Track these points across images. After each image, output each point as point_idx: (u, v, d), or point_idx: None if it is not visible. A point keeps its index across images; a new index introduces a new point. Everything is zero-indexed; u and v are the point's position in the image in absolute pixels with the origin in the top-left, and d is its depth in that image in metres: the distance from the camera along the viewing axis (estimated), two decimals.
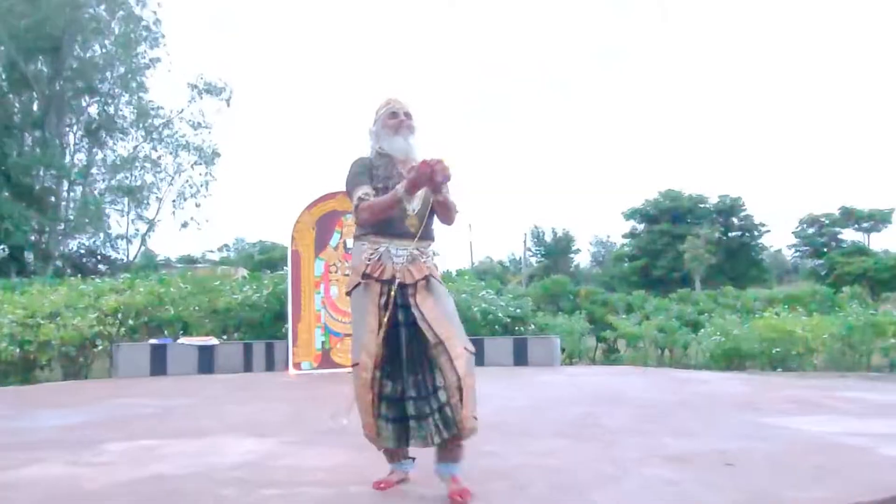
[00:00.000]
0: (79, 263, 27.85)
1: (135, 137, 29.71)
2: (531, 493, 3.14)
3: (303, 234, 10.35)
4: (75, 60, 27.55)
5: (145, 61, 29.33)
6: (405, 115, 3.33)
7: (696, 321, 14.73)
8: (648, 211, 46.05)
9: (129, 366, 10.03)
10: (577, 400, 6.59)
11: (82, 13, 26.98)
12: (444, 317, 3.07)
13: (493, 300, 12.97)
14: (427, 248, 3.27)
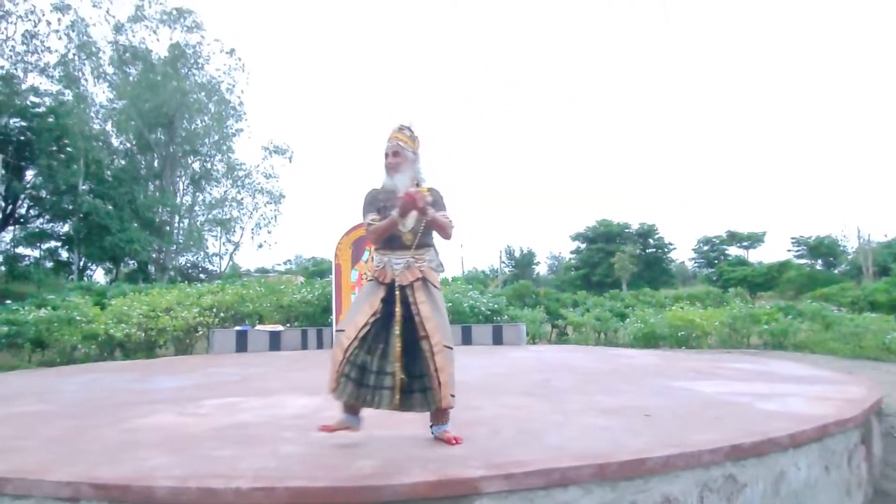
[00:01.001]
0: (186, 273, 27.78)
1: (225, 185, 29.82)
2: (503, 437, 3.12)
3: (343, 251, 10.35)
4: (183, 131, 27.69)
5: (232, 131, 29.51)
6: (392, 155, 3.10)
7: (623, 313, 14.67)
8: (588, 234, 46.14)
9: (220, 345, 9.98)
10: (537, 369, 6.56)
11: (188, 98, 27.15)
12: (433, 316, 2.98)
13: (477, 298, 12.93)
14: (423, 255, 3.09)
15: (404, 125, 3.19)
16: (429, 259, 3.13)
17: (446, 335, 2.98)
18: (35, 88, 24.24)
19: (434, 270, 3.14)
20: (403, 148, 3.12)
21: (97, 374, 6.85)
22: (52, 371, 7.76)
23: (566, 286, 39.42)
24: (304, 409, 4.08)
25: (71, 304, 10.33)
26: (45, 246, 25.19)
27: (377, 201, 3.11)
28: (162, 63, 27.11)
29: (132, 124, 25.66)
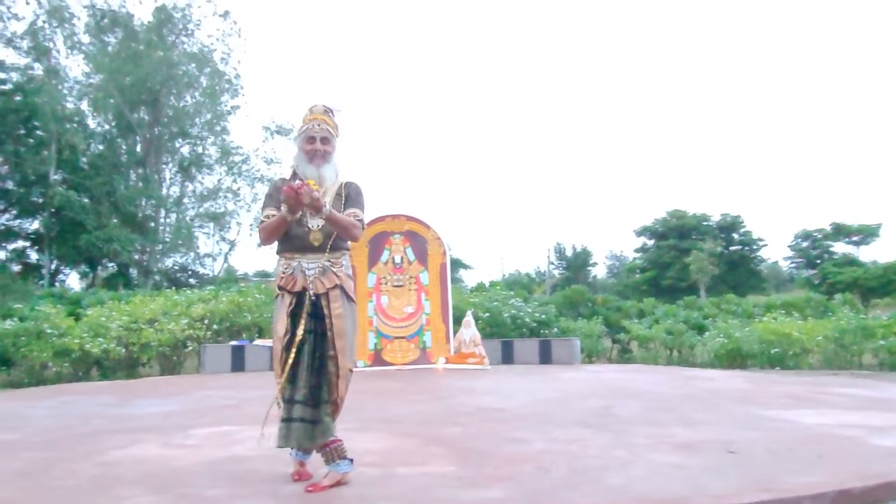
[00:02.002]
0: (173, 278, 28.48)
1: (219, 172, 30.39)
2: (554, 476, 3.07)
3: (357, 251, 10.42)
4: (171, 109, 28.34)
5: (227, 109, 30.05)
6: (321, 142, 3.08)
7: (700, 325, 14.37)
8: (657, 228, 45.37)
9: (213, 363, 10.18)
10: (594, 394, 6.47)
11: (176, 70, 27.77)
12: (344, 332, 3.00)
13: (520, 307, 12.87)
14: (340, 259, 3.09)
15: (329, 107, 3.18)
16: (345, 265, 3.12)
17: (352, 357, 3.07)
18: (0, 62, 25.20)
19: (349, 278, 3.14)
20: (332, 134, 3.14)
21: (70, 397, 7.05)
22: (19, 393, 8.03)
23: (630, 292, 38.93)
24: None
25: (41, 314, 10.69)
26: (11, 246, 26.19)
27: (279, 194, 3.00)
28: (145, 30, 27.81)
29: (111, 102, 26.41)
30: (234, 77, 30.16)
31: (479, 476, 3.06)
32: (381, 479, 3.09)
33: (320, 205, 2.86)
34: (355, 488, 2.92)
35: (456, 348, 10.08)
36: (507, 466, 3.17)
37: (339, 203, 3.08)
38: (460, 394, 6.68)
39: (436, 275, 10.49)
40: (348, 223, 3.01)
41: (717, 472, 3.06)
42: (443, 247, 10.71)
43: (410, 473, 3.19)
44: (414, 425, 4.64)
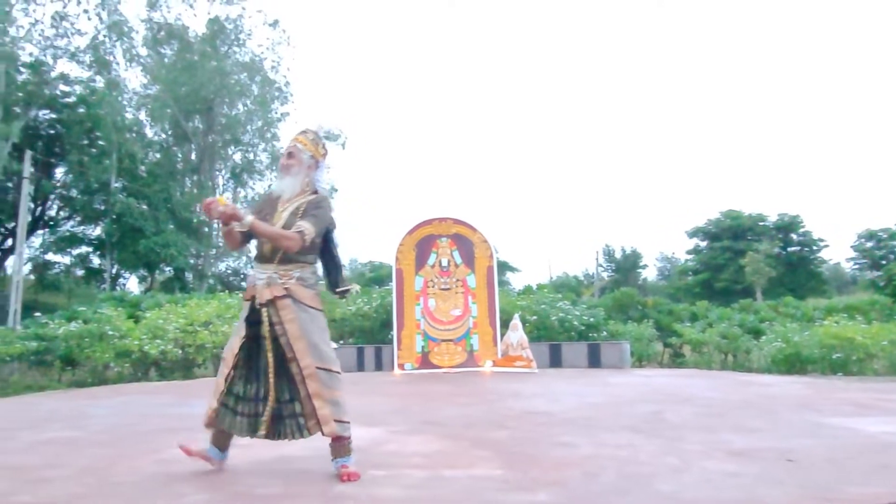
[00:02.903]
0: (226, 281, 29.31)
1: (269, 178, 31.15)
2: (602, 481, 3.04)
3: (405, 254, 10.53)
4: (223, 118, 29.21)
5: (277, 116, 30.80)
6: (287, 156, 3.37)
7: (757, 329, 13.95)
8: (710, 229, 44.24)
9: None
10: (645, 398, 6.35)
11: (229, 80, 28.62)
12: (302, 336, 3.14)
13: (568, 310, 12.75)
14: (290, 270, 3.23)
15: (308, 129, 3.46)
16: (298, 275, 3.25)
17: (322, 357, 3.17)
18: (65, 76, 26.43)
19: (306, 287, 3.25)
20: (300, 150, 3.38)
21: (130, 397, 7.34)
22: (83, 392, 8.41)
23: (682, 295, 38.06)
24: (360, 442, 4.15)
25: (103, 316, 11.16)
26: (75, 252, 27.42)
27: (258, 204, 3.40)
28: (200, 41, 28.76)
29: (167, 112, 27.39)
30: (283, 84, 30.90)
31: (525, 480, 3.06)
32: (428, 481, 3.11)
33: (233, 218, 3.05)
34: (402, 490, 2.95)
35: (503, 351, 10.06)
36: (554, 471, 3.15)
37: (294, 217, 3.25)
38: (507, 397, 6.66)
39: (483, 278, 10.50)
40: (275, 234, 3.16)
41: (774, 481, 2.97)
42: (490, 250, 10.71)
43: (457, 476, 3.20)
44: (461, 428, 4.65)
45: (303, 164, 3.36)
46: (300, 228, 3.16)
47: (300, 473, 3.31)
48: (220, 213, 3.02)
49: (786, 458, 3.46)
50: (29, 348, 10.34)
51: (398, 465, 3.44)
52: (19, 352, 10.32)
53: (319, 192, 3.42)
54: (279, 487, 3.02)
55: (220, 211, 3.02)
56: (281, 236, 3.15)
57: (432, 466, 3.39)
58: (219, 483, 3.12)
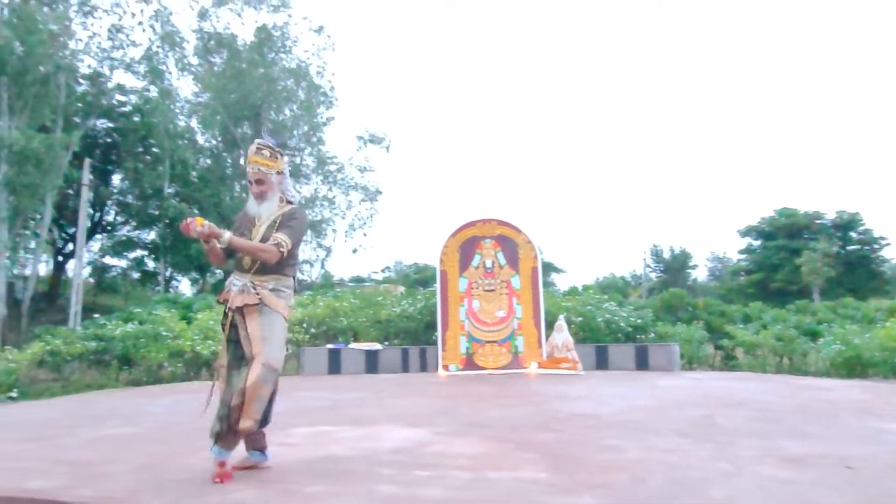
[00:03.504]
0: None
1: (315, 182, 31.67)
2: (650, 486, 2.98)
3: (449, 256, 10.56)
4: (271, 123, 29.83)
5: (323, 120, 31.30)
6: (257, 184, 3.42)
7: (814, 331, 13.48)
8: (764, 228, 42.95)
9: (311, 366, 10.60)
10: (695, 402, 6.21)
11: (276, 86, 29.24)
12: (260, 339, 3.22)
13: (615, 311, 12.56)
14: (266, 280, 3.34)
15: (262, 144, 3.46)
16: (273, 286, 3.36)
17: (275, 356, 3.25)
18: (121, 86, 27.49)
19: (279, 298, 3.36)
20: (266, 173, 3.43)
21: (183, 396, 7.57)
22: (139, 391, 8.71)
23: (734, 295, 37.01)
24: (405, 443, 4.20)
25: (157, 318, 11.53)
26: (131, 255, 28.47)
27: (236, 221, 3.57)
28: (248, 49, 29.45)
29: (217, 119, 28.15)
30: (328, 89, 31.38)
31: (571, 483, 3.03)
32: (473, 482, 3.11)
33: (212, 236, 3.16)
34: (446, 491, 2.96)
35: (548, 353, 9.97)
36: (600, 474, 3.11)
37: (271, 231, 3.37)
38: (553, 399, 6.61)
39: (527, 279, 10.44)
40: (253, 248, 3.30)
41: (831, 488, 2.87)
42: (534, 251, 10.64)
43: (502, 478, 3.19)
44: (506, 430, 4.64)
45: (273, 185, 3.46)
46: (277, 241, 3.28)
47: (346, 473, 3.36)
48: (198, 232, 3.13)
49: (844, 465, 3.33)
50: (88, 348, 10.78)
51: (443, 466, 3.45)
52: (80, 352, 10.77)
53: (292, 203, 3.53)
54: (326, 486, 3.07)
55: (198, 230, 3.13)
56: (259, 250, 3.29)
57: (477, 468, 3.39)
58: (267, 480, 3.19)
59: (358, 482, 3.14)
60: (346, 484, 3.10)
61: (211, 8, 29.50)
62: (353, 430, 4.79)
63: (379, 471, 3.37)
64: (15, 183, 20.57)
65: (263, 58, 29.55)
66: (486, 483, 3.10)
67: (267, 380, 3.20)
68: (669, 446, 3.96)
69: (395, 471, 3.37)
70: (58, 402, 7.73)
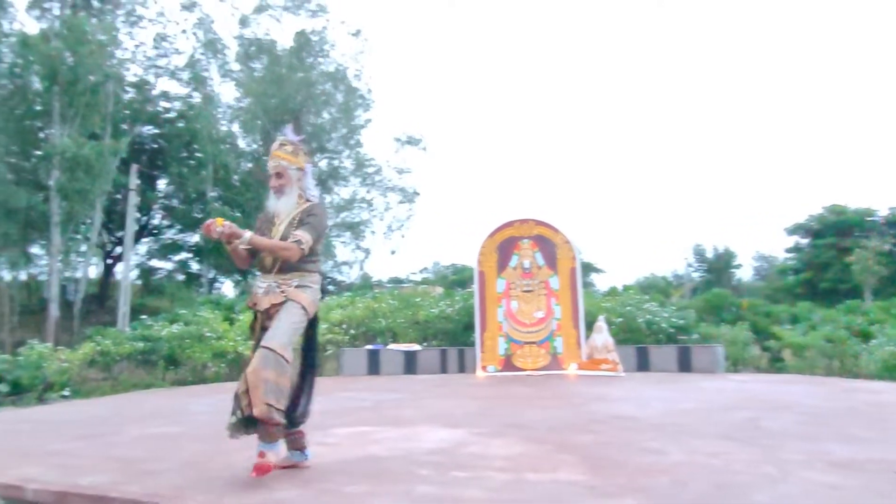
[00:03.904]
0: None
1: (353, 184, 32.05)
2: (692, 490, 2.93)
3: (487, 257, 10.55)
4: (310, 126, 30.30)
5: (361, 122, 31.66)
6: (276, 177, 3.45)
7: (866, 332, 13.01)
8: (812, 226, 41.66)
9: (351, 366, 10.72)
10: (740, 405, 6.07)
11: (314, 90, 29.70)
12: (272, 329, 3.22)
13: (656, 312, 12.35)
14: (290, 279, 3.33)
15: (285, 140, 3.48)
16: (297, 283, 3.35)
17: (277, 339, 3.16)
18: (166, 93, 28.33)
19: (304, 294, 3.33)
20: (286, 167, 3.43)
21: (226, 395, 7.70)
22: (184, 390, 8.94)
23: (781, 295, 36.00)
24: (443, 444, 4.22)
25: (201, 319, 11.81)
26: (176, 258, 29.29)
27: (258, 222, 3.57)
28: (287, 54, 29.99)
29: (258, 124, 28.73)
30: (366, 92, 31.72)
31: (610, 486, 3.00)
32: (511, 484, 3.11)
33: (233, 236, 3.18)
34: (484, 492, 2.96)
35: (588, 354, 9.87)
36: (641, 477, 3.07)
37: (291, 228, 3.37)
38: (592, 401, 6.54)
39: (566, 279, 10.36)
40: (274, 246, 3.30)
41: (881, 495, 2.78)
42: (573, 251, 10.55)
43: (540, 480, 3.18)
44: (544, 431, 4.61)
45: (292, 180, 3.48)
46: (296, 238, 3.28)
47: (385, 473, 3.39)
48: (219, 233, 3.15)
49: (893, 471, 3.22)
50: (136, 348, 11.11)
51: (481, 468, 3.46)
52: (128, 352, 11.10)
53: (312, 200, 3.53)
54: (365, 486, 3.10)
55: (219, 231, 3.14)
56: (280, 248, 3.29)
57: (515, 469, 3.38)
58: (307, 480, 3.24)
59: (396, 482, 3.17)
60: (385, 484, 3.14)
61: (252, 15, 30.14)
62: (391, 430, 4.83)
63: (417, 471, 3.40)
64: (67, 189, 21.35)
65: (302, 62, 30.05)
66: (525, 485, 3.10)
67: (266, 362, 3.11)
68: (712, 450, 3.88)
69: (434, 471, 3.39)
70: (107, 401, 8.00)
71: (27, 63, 22.11)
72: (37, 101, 23.10)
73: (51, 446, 4.43)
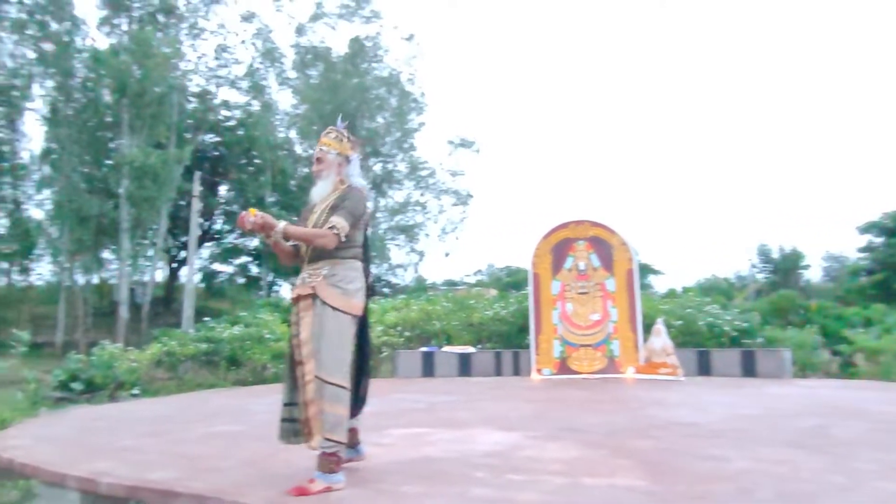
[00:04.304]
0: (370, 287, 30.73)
1: (407, 187, 32.37)
2: (757, 498, 2.83)
3: (541, 258, 10.47)
4: (364, 131, 30.77)
5: (414, 126, 31.96)
6: (316, 162, 3.43)
7: None
8: (887, 224, 39.63)
9: (406, 368, 10.81)
10: (808, 411, 5.82)
11: (369, 95, 30.18)
12: (312, 338, 3.08)
13: (718, 314, 11.98)
14: (320, 268, 3.19)
15: (332, 128, 3.44)
16: (326, 272, 3.18)
17: (324, 366, 3.02)
18: (226, 102, 29.31)
19: (332, 286, 3.14)
20: (326, 152, 3.39)
21: None
22: (245, 390, 9.20)
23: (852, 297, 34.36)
24: (498, 446, 4.21)
25: (261, 321, 12.14)
26: (236, 262, 30.22)
27: (302, 214, 3.49)
28: (342, 61, 30.59)
29: (314, 129, 29.37)
30: (419, 95, 32.03)
31: (670, 493, 2.93)
32: (567, 488, 3.08)
33: (267, 227, 3.09)
34: (540, 496, 2.94)
35: (646, 357, 9.66)
36: (701, 484, 2.99)
37: (326, 215, 3.24)
38: (651, 405, 6.40)
39: (623, 281, 10.17)
40: (309, 235, 3.20)
41: None
42: (629, 252, 10.35)
43: (597, 485, 3.13)
44: (601, 436, 4.55)
45: (331, 165, 3.39)
46: (331, 224, 3.14)
47: (441, 474, 3.41)
48: (251, 223, 3.05)
49: None
50: (200, 349, 11.51)
51: (536, 471, 3.43)
52: (192, 353, 11.51)
53: (351, 186, 3.39)
54: (420, 486, 3.13)
55: (251, 221, 3.05)
56: (315, 235, 3.17)
57: (571, 473, 3.34)
58: (364, 480, 3.28)
59: (451, 484, 3.18)
60: (440, 485, 3.15)
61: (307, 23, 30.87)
62: (446, 432, 4.85)
63: (472, 473, 3.40)
64: (135, 196, 22.34)
65: (356, 68, 30.57)
66: (581, 489, 3.06)
67: (321, 394, 3.01)
68: (778, 457, 3.74)
69: (488, 474, 3.38)
70: (174, 400, 8.31)
71: (98, 77, 23.27)
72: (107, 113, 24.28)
73: (122, 442, 4.64)
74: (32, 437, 4.98)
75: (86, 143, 23.60)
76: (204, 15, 27.43)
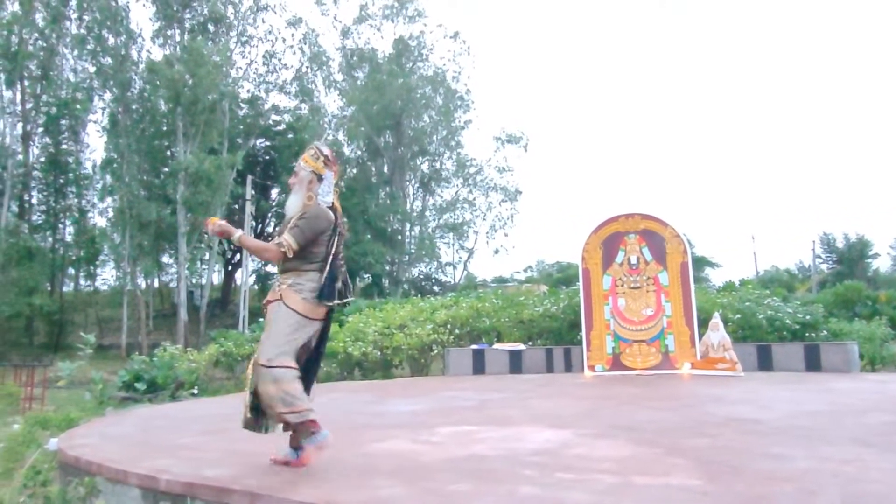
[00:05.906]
0: (419, 286, 30.93)
1: (455, 185, 32.38)
2: (821, 500, 2.70)
3: (591, 253, 10.31)
4: (411, 130, 30.97)
5: (461, 124, 31.95)
6: (293, 175, 3.63)
7: None
8: None
9: (456, 366, 10.82)
10: (877, 407, 5.55)
11: (415, 94, 30.32)
12: (262, 340, 3.39)
13: (779, 307, 11.56)
14: (287, 278, 3.46)
15: (315, 146, 3.63)
16: (291, 282, 3.45)
17: (264, 352, 3.32)
18: (276, 107, 29.92)
19: (296, 293, 3.41)
20: (301, 168, 3.59)
21: (337, 394, 8.03)
22: None
23: None
24: (548, 444, 4.15)
25: None
26: None
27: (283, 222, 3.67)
28: (387, 61, 30.84)
29: (361, 130, 29.73)
30: (465, 93, 32.01)
31: (727, 493, 2.82)
32: (618, 487, 3.00)
33: (224, 234, 3.42)
34: (590, 495, 2.87)
35: (703, 353, 9.40)
36: (762, 485, 2.87)
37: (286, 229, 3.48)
38: (708, 402, 6.22)
39: (676, 274, 9.92)
40: (256, 247, 3.65)
41: None
42: (683, 244, 10.10)
43: (650, 484, 3.05)
44: (655, 434, 4.43)
45: (303, 181, 3.59)
46: (278, 241, 3.43)
47: (489, 472, 3.38)
48: (211, 230, 3.40)
49: None
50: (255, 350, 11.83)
51: (587, 470, 3.37)
52: (248, 353, 11.81)
53: (318, 203, 3.58)
54: (469, 485, 3.11)
55: (210, 229, 3.40)
56: (262, 249, 3.55)
57: (623, 472, 3.26)
58: (413, 478, 3.29)
59: (500, 482, 3.15)
60: (488, 483, 3.12)
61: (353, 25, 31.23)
62: (496, 430, 4.82)
63: (521, 472, 3.36)
64: (191, 201, 23.04)
65: (402, 68, 30.77)
66: (633, 489, 2.98)
67: (262, 378, 3.31)
68: (845, 456, 3.57)
69: (537, 472, 3.33)
70: (231, 399, 8.52)
71: (154, 87, 24.10)
72: (163, 122, 25.15)
73: (181, 440, 4.78)
74: (99, 436, 5.18)
75: (144, 152, 24.52)
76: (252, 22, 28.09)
